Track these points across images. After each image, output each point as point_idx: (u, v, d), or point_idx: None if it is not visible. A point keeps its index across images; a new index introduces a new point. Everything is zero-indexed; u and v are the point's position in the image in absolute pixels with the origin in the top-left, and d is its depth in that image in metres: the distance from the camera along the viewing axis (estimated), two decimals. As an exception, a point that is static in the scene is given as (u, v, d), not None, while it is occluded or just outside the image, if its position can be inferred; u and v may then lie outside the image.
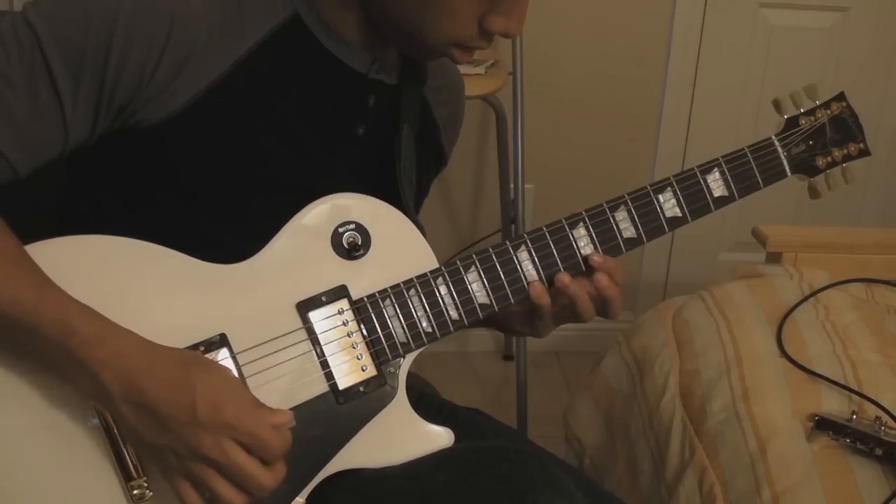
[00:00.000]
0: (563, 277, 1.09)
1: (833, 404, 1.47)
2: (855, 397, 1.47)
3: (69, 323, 0.91)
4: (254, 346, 1.01)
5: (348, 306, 1.04)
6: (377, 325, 1.05)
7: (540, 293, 1.09)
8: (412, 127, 1.16)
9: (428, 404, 1.20)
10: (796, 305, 1.71)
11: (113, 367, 0.91)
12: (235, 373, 1.00)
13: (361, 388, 1.04)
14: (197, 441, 0.90)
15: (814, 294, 1.75)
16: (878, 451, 1.35)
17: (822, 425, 1.40)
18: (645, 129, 2.74)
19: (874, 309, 1.76)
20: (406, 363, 1.07)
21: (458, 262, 1.08)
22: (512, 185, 2.42)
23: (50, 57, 0.94)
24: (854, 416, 1.40)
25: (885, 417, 1.40)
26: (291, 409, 1.00)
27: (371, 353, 1.05)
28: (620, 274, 1.11)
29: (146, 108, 0.98)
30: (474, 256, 1.08)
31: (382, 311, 1.05)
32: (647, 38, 2.65)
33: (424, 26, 1.02)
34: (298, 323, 1.03)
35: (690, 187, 1.14)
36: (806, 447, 1.40)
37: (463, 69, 1.31)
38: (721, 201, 1.15)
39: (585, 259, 1.10)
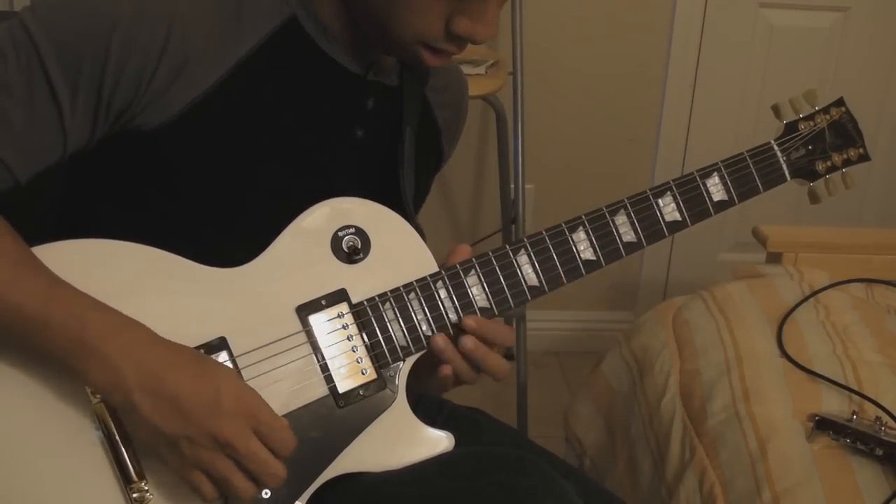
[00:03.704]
0: (439, 340, 1.05)
1: (833, 404, 1.47)
2: (855, 397, 1.47)
3: (82, 315, 0.91)
4: (253, 350, 1.01)
5: (348, 310, 1.04)
6: (377, 328, 1.05)
7: (442, 347, 1.05)
8: (413, 129, 1.16)
9: (428, 404, 1.21)
10: (796, 305, 1.71)
11: (131, 356, 0.91)
12: None
13: (361, 392, 1.04)
14: (218, 429, 0.91)
15: (814, 294, 1.75)
16: (879, 451, 1.35)
17: (823, 425, 1.40)
18: (645, 129, 2.74)
19: (874, 309, 1.75)
20: (406, 366, 1.07)
21: (458, 266, 1.08)
22: (512, 186, 2.41)
23: (47, 64, 0.94)
24: (854, 416, 1.40)
25: (885, 417, 1.40)
26: (291, 412, 1.01)
27: (371, 357, 1.05)
28: (500, 336, 1.08)
29: (144, 112, 0.98)
30: (474, 260, 1.08)
31: (382, 314, 1.05)
32: (647, 38, 2.65)
33: (392, 21, 1.01)
34: (298, 326, 1.03)
35: (690, 191, 1.13)
36: (806, 447, 1.40)
37: (463, 69, 1.30)
38: (721, 205, 1.15)
39: (457, 324, 1.06)
